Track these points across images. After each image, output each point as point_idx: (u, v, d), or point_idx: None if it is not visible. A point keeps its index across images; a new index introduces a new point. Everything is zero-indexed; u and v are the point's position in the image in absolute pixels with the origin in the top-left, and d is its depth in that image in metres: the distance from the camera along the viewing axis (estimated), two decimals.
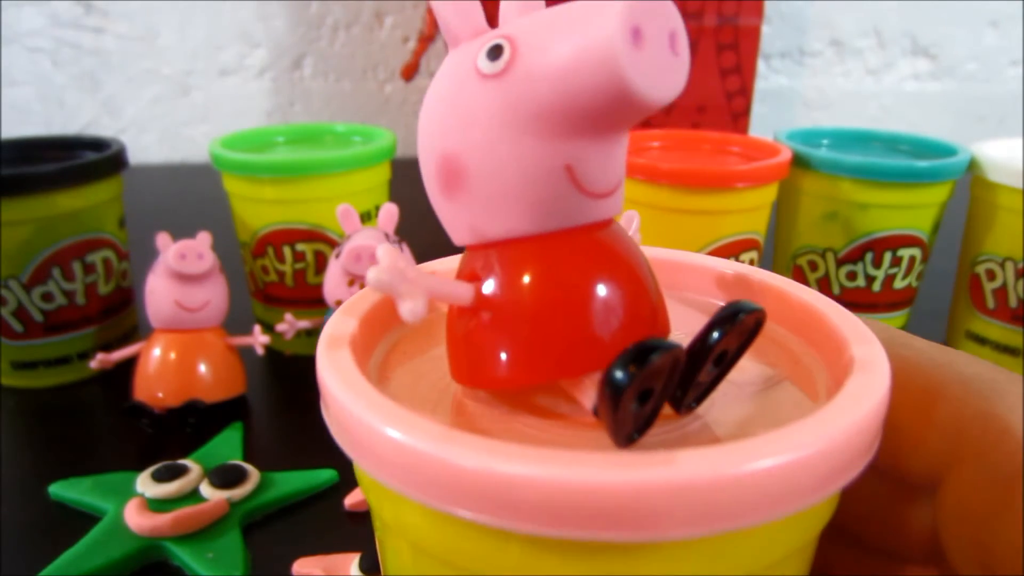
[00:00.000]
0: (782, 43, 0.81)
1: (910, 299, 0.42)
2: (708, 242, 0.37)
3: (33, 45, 0.77)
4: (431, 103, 0.14)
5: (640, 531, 0.10)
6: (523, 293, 0.13)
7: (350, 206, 0.36)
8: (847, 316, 0.14)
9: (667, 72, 0.12)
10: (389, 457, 0.11)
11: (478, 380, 0.14)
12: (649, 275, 0.14)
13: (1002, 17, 0.79)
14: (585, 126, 0.12)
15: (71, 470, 0.31)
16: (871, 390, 0.12)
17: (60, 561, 0.26)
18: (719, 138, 0.43)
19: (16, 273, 0.37)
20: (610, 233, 0.14)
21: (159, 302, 0.34)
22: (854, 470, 0.11)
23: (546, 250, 0.13)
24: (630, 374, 0.11)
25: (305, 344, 0.42)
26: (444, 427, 0.11)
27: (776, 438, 0.10)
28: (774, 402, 0.14)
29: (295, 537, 0.29)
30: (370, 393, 0.12)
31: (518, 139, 0.12)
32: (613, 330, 0.13)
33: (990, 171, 0.39)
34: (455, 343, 0.14)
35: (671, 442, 0.13)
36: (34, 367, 0.39)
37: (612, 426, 0.12)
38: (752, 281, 0.17)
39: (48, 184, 0.36)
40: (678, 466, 0.10)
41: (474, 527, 0.11)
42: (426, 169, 0.14)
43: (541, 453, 0.10)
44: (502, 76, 0.12)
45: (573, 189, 0.13)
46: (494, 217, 0.13)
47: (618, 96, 0.11)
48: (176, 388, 0.34)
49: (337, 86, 0.82)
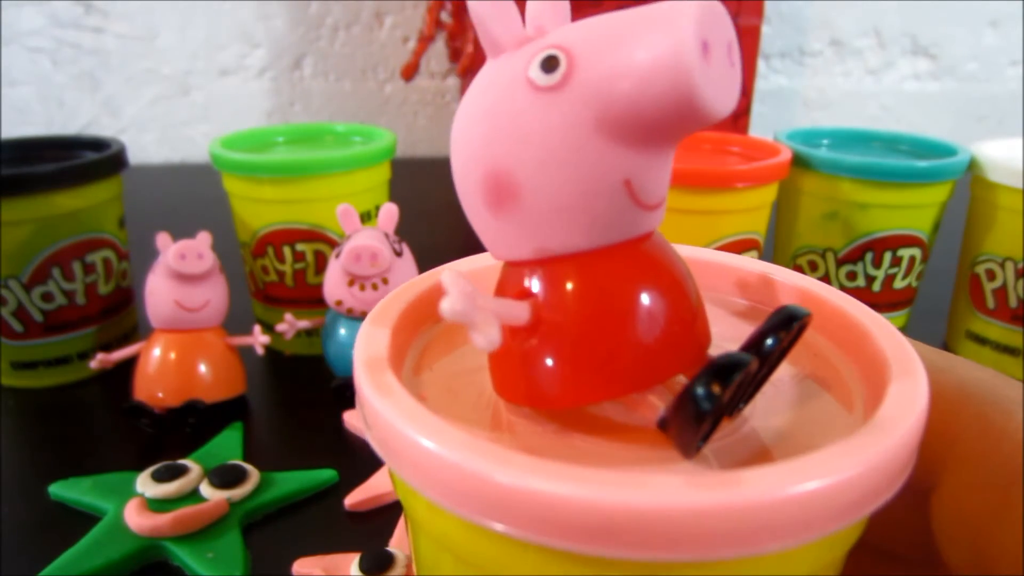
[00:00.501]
0: (782, 43, 0.81)
1: (910, 299, 0.42)
2: (708, 242, 0.37)
3: (33, 45, 0.77)
4: (473, 116, 0.13)
5: (685, 552, 0.10)
6: (583, 310, 0.13)
7: (350, 206, 0.36)
8: (881, 322, 0.15)
9: (727, 83, 0.12)
10: (430, 470, 0.11)
11: (538, 400, 0.13)
12: (693, 283, 0.14)
13: (1002, 17, 0.79)
14: (647, 139, 0.12)
15: (71, 470, 0.31)
16: (914, 405, 0.12)
17: (60, 561, 0.26)
18: (719, 138, 0.43)
19: (16, 273, 0.37)
20: (656, 244, 0.14)
21: (159, 302, 0.34)
22: (895, 486, 0.11)
23: (603, 265, 0.13)
24: (714, 394, 0.11)
25: (305, 344, 0.42)
26: (492, 444, 0.11)
27: (829, 457, 0.10)
28: (812, 408, 0.14)
29: (295, 537, 0.29)
30: (418, 411, 0.12)
31: (577, 154, 0.12)
32: (669, 342, 0.13)
33: (990, 171, 0.39)
34: (508, 362, 0.14)
35: (725, 449, 0.13)
36: (34, 367, 0.39)
37: (685, 440, 0.12)
38: (776, 282, 0.17)
39: (48, 184, 0.36)
40: (739, 489, 0.10)
41: (512, 541, 0.11)
42: (467, 184, 0.13)
43: (597, 475, 0.10)
44: (559, 88, 0.12)
45: (630, 203, 0.12)
46: (550, 233, 0.13)
47: (687, 109, 0.11)
48: (176, 388, 0.34)
49: (337, 86, 0.82)
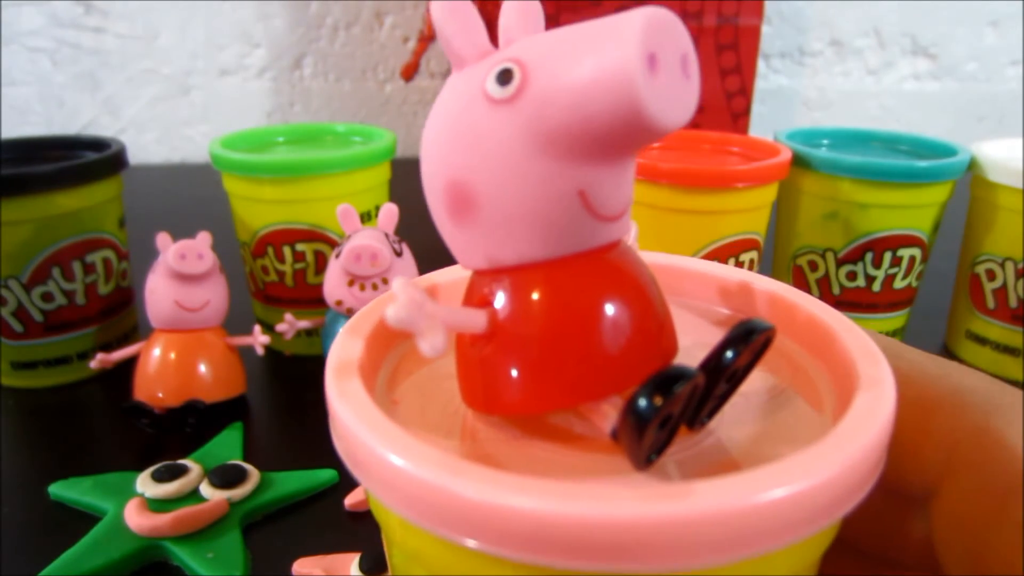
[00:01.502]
0: (782, 43, 0.81)
1: (910, 299, 0.42)
2: (708, 242, 0.37)
3: (33, 45, 0.77)
4: (436, 127, 0.13)
5: (651, 563, 0.10)
6: (539, 319, 0.13)
7: (350, 206, 0.36)
8: (851, 328, 0.14)
9: (680, 96, 0.12)
10: (398, 485, 0.11)
11: (495, 407, 0.14)
12: (658, 294, 0.14)
13: (1002, 17, 0.79)
14: (598, 151, 0.12)
15: (71, 470, 0.31)
16: (878, 411, 0.12)
17: (60, 561, 0.26)
18: (719, 138, 0.43)
19: (16, 273, 0.37)
20: (620, 254, 0.14)
21: (159, 302, 0.34)
22: (863, 491, 0.11)
23: (560, 275, 0.13)
24: (655, 405, 0.11)
25: (305, 344, 0.42)
26: (456, 458, 0.11)
27: (790, 466, 0.10)
28: (782, 417, 0.14)
29: (295, 537, 0.29)
30: (381, 422, 0.12)
31: (531, 165, 0.12)
32: (629, 353, 0.13)
33: (990, 171, 0.39)
34: (468, 370, 0.14)
35: (687, 462, 0.13)
36: (34, 367, 0.39)
37: (632, 451, 0.12)
38: (754, 290, 0.17)
39: (48, 184, 0.36)
40: (695, 499, 0.10)
41: (482, 556, 0.11)
42: (432, 194, 0.13)
43: (554, 487, 0.10)
44: (513, 101, 0.12)
45: (586, 214, 0.12)
46: (506, 243, 0.13)
47: (633, 122, 0.11)
48: (176, 388, 0.34)
49: (337, 86, 0.82)
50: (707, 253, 0.37)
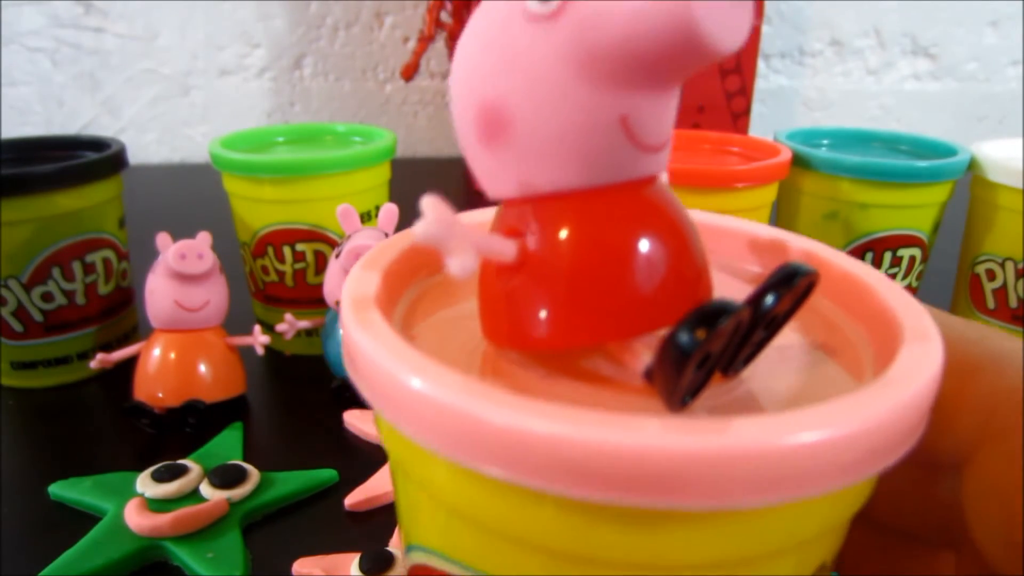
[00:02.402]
0: (782, 43, 0.81)
1: None
2: None
3: (33, 45, 0.77)
4: (469, 46, 0.13)
5: (684, 498, 0.09)
6: (572, 251, 0.12)
7: (350, 206, 0.36)
8: (891, 285, 0.14)
9: (734, 16, 0.11)
10: (418, 410, 0.11)
11: (520, 342, 0.13)
12: (695, 235, 0.13)
13: (1002, 17, 0.79)
14: (645, 75, 0.11)
15: (71, 470, 0.31)
16: (926, 362, 0.11)
17: (60, 561, 0.26)
18: (719, 138, 0.43)
19: (16, 273, 0.37)
20: (658, 190, 0.13)
21: (159, 302, 0.34)
22: (905, 446, 0.11)
23: (596, 206, 0.12)
24: (697, 339, 0.10)
25: (305, 344, 0.42)
26: (479, 383, 0.10)
27: (827, 411, 0.10)
28: (817, 372, 0.14)
29: (295, 537, 0.29)
30: (401, 347, 0.11)
31: (571, 87, 0.11)
32: (663, 291, 0.12)
33: (990, 171, 0.39)
34: (493, 301, 0.13)
35: (719, 408, 0.12)
36: (34, 367, 0.39)
37: (668, 390, 0.11)
38: (787, 246, 0.16)
39: (48, 184, 0.36)
40: (728, 434, 0.09)
41: (505, 486, 0.10)
42: (462, 116, 0.13)
43: (584, 414, 0.10)
44: (555, 18, 0.11)
45: (627, 142, 0.12)
46: (541, 169, 0.12)
47: (687, 42, 0.10)
48: (176, 388, 0.34)
49: (337, 86, 0.82)
50: None
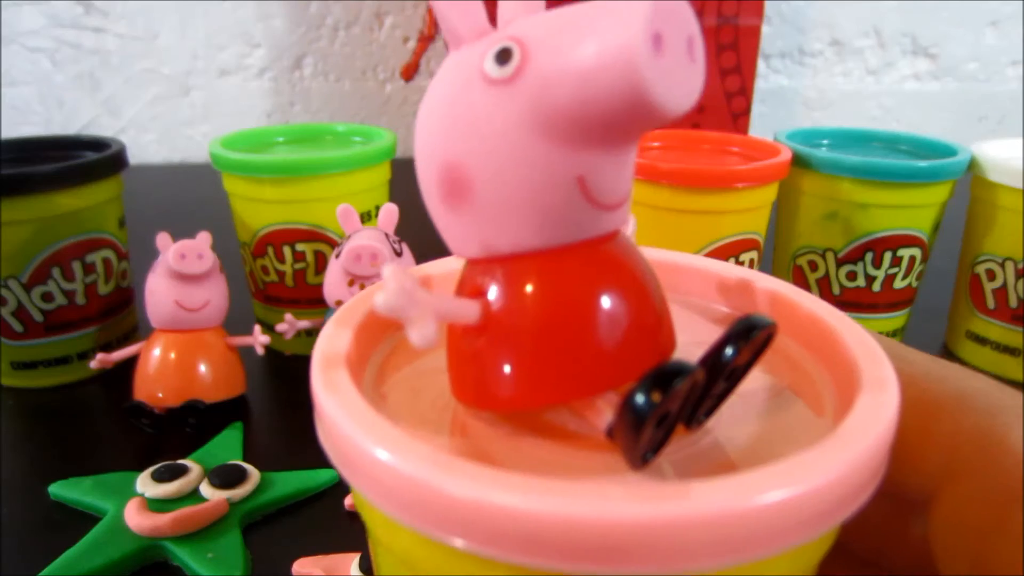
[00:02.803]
0: (782, 43, 0.81)
1: (910, 299, 0.42)
2: (708, 242, 0.37)
3: (33, 45, 0.77)
4: (431, 108, 0.13)
5: (646, 566, 0.09)
6: (534, 311, 0.12)
7: (350, 206, 0.36)
8: (853, 328, 0.14)
9: (685, 79, 0.11)
10: (384, 481, 0.11)
11: (486, 402, 0.13)
12: (656, 288, 0.13)
13: (1002, 17, 0.79)
14: (600, 136, 0.11)
15: (71, 470, 0.31)
16: (882, 412, 0.11)
17: (60, 561, 0.26)
18: (719, 138, 0.43)
19: (16, 273, 0.37)
20: (618, 245, 0.13)
21: (159, 302, 0.34)
22: (865, 495, 0.11)
23: (557, 265, 0.12)
24: (652, 402, 0.11)
25: (305, 344, 0.42)
26: (442, 453, 0.10)
27: (790, 468, 0.10)
28: (781, 418, 0.14)
29: (295, 537, 0.29)
30: (367, 414, 0.11)
31: (529, 149, 0.12)
32: (626, 347, 0.12)
33: (990, 171, 0.39)
34: (459, 362, 0.13)
35: (684, 461, 0.13)
36: (34, 367, 0.39)
37: (628, 449, 0.11)
38: (754, 287, 0.16)
39: (48, 184, 0.36)
40: (688, 500, 0.09)
41: (470, 556, 0.10)
42: (425, 178, 0.13)
43: (545, 484, 0.10)
44: (512, 82, 0.12)
45: (585, 202, 0.12)
46: (501, 230, 0.12)
47: (637, 105, 0.11)
48: (176, 388, 0.34)
49: (337, 86, 0.82)
50: (707, 253, 0.37)
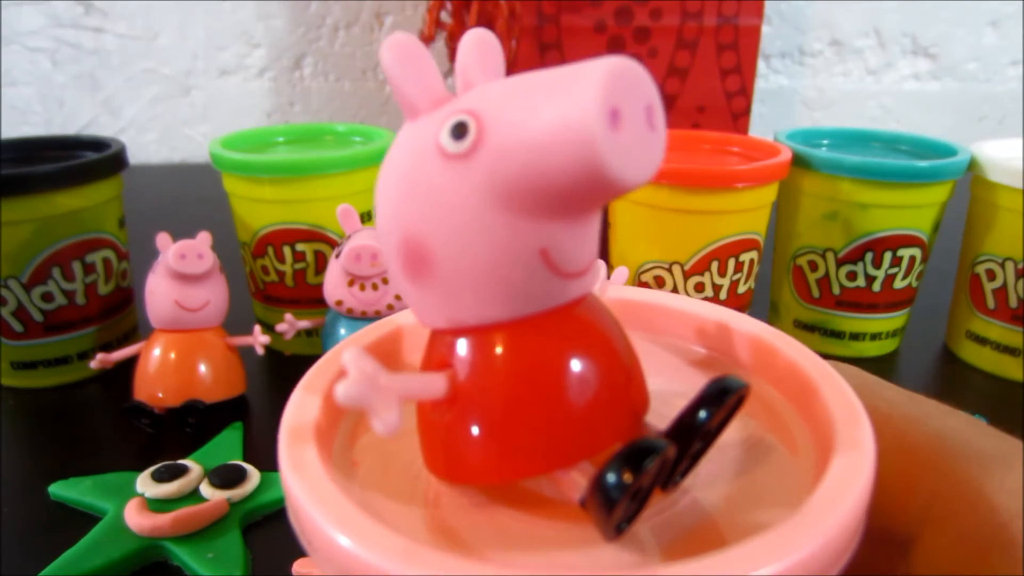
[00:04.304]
0: (782, 43, 0.81)
1: (910, 299, 0.42)
2: (708, 242, 0.37)
3: (33, 45, 0.77)
4: (389, 181, 0.13)
5: None
6: (502, 383, 0.12)
7: (350, 206, 0.36)
8: (832, 378, 0.14)
9: (644, 150, 0.11)
10: (347, 567, 0.11)
11: (458, 476, 0.13)
12: (627, 348, 0.13)
13: (1002, 17, 0.79)
14: (559, 208, 0.11)
15: (71, 470, 0.31)
16: (858, 479, 0.11)
17: (60, 561, 0.26)
18: (719, 138, 0.43)
19: (16, 273, 0.37)
20: (585, 310, 0.13)
21: (159, 302, 0.34)
22: (843, 560, 0.11)
23: (523, 336, 0.12)
24: (624, 482, 0.11)
25: (305, 344, 0.42)
26: (408, 541, 0.10)
27: (765, 545, 0.10)
28: (759, 472, 0.14)
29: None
30: (330, 495, 0.11)
31: (488, 223, 0.11)
32: (597, 414, 0.12)
33: (990, 171, 0.39)
34: (430, 436, 0.13)
35: (661, 526, 0.12)
36: (34, 367, 0.39)
37: (602, 524, 0.11)
38: (733, 331, 0.16)
39: (48, 184, 0.36)
40: None
41: None
42: (387, 250, 0.13)
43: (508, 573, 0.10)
44: (468, 156, 0.11)
45: (549, 272, 0.12)
46: (465, 303, 0.12)
47: (594, 180, 0.11)
48: (176, 388, 0.34)
49: (337, 86, 0.82)
50: (707, 253, 0.37)
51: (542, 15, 0.47)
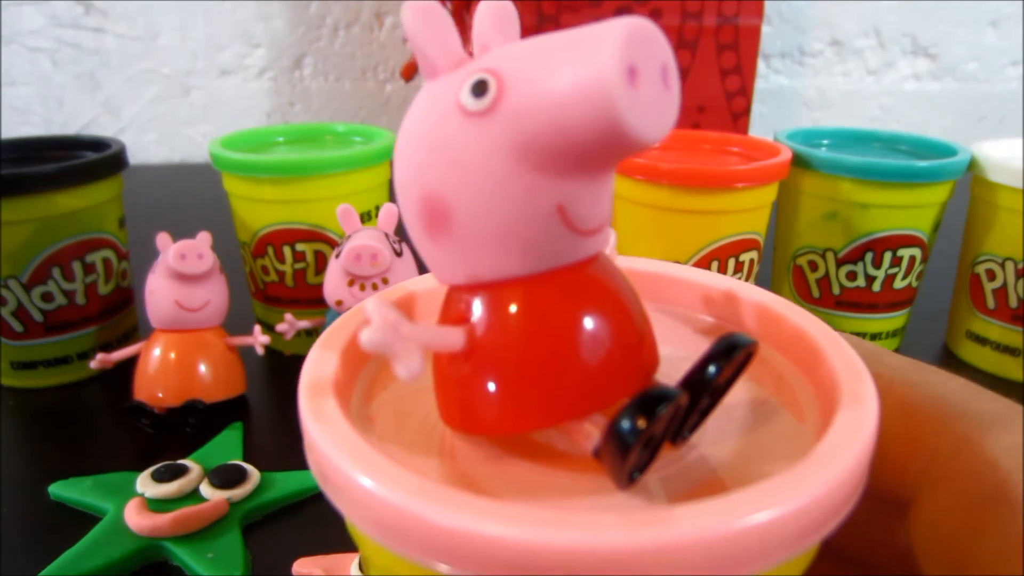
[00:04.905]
0: (782, 43, 0.81)
1: (910, 299, 0.42)
2: (708, 242, 0.37)
3: (33, 45, 0.77)
4: (409, 140, 0.13)
5: None
6: (518, 337, 0.13)
7: (350, 206, 0.36)
8: (837, 341, 0.14)
9: (660, 108, 0.11)
10: (372, 509, 0.11)
11: (473, 426, 0.13)
12: (638, 307, 0.14)
13: (1002, 17, 0.79)
14: (576, 165, 0.12)
15: (71, 470, 0.31)
16: (860, 429, 0.12)
17: (60, 561, 0.26)
18: (719, 138, 0.43)
19: (16, 273, 0.37)
20: (599, 268, 0.13)
21: (159, 302, 0.34)
22: (845, 510, 0.11)
23: (539, 291, 0.13)
24: (637, 428, 0.11)
25: (305, 344, 0.42)
26: (431, 482, 0.11)
27: (771, 488, 0.10)
28: (764, 430, 0.14)
29: (295, 537, 0.29)
30: (354, 442, 0.12)
31: (507, 180, 0.12)
32: (610, 369, 0.13)
33: (990, 171, 0.39)
34: (446, 388, 0.14)
35: (671, 478, 0.13)
36: (34, 367, 0.39)
37: (615, 471, 0.12)
38: (740, 299, 0.17)
39: (48, 184, 0.36)
40: (676, 525, 0.10)
41: None
42: (406, 208, 0.13)
43: (530, 514, 0.10)
44: (489, 114, 0.12)
45: (565, 229, 0.12)
46: (483, 259, 0.12)
47: (613, 136, 0.11)
48: (176, 388, 0.34)
49: (337, 86, 0.82)
50: (707, 253, 0.37)
51: (542, 15, 0.47)
